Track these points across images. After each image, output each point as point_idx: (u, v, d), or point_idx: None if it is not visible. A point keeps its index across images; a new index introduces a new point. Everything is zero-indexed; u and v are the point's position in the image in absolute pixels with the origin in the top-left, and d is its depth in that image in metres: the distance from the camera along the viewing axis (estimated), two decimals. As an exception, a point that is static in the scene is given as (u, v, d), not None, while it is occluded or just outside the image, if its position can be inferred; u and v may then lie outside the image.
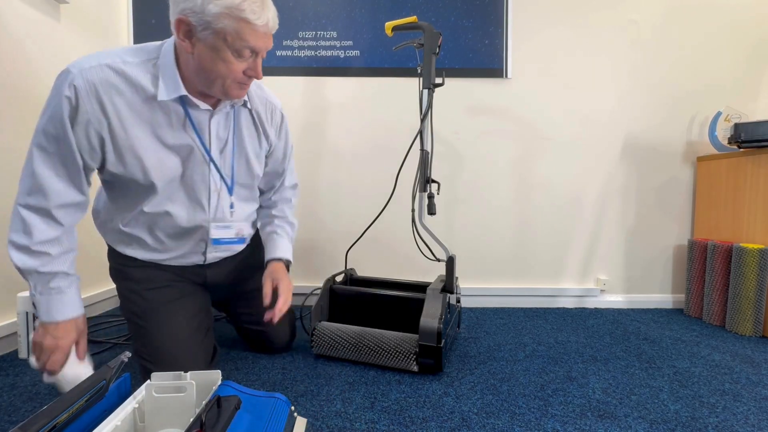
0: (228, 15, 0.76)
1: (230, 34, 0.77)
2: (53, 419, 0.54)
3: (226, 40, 0.78)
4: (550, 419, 0.87)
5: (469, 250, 1.80)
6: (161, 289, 0.99)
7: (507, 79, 1.76)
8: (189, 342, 0.97)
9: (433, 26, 1.31)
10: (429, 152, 1.25)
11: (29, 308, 1.16)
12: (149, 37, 1.74)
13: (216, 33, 0.77)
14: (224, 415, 0.60)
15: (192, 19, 0.76)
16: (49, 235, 0.82)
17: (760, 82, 1.77)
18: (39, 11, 1.33)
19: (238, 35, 0.78)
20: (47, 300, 0.83)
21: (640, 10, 1.74)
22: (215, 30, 0.77)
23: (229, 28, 0.77)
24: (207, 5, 0.75)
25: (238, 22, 0.77)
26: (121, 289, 1.00)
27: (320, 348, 1.18)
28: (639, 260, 1.81)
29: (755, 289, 1.42)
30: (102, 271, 1.63)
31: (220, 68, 0.81)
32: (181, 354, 0.94)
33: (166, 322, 0.96)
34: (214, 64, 0.80)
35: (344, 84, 1.75)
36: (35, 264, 0.81)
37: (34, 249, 0.81)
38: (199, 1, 0.75)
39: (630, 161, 1.78)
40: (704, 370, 1.13)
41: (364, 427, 0.83)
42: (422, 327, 1.07)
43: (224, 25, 0.76)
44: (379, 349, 1.11)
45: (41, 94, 1.34)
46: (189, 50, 0.80)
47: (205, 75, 0.82)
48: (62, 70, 0.80)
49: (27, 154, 0.82)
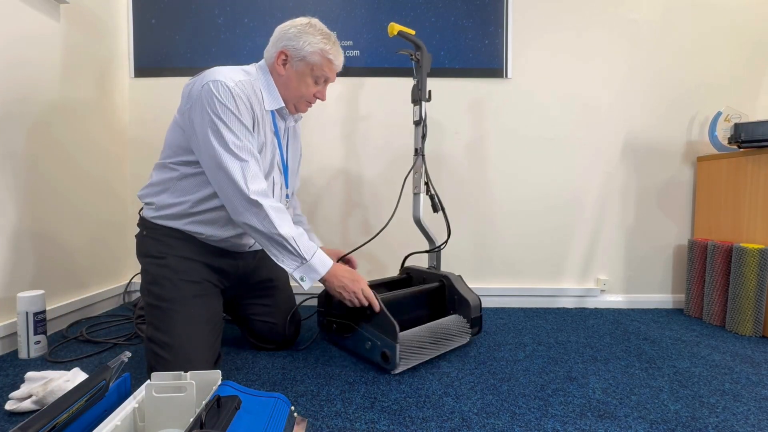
0: (319, 54, 1.09)
1: (317, 67, 1.10)
2: (53, 419, 0.54)
3: (313, 70, 1.10)
4: (550, 419, 0.87)
5: (469, 250, 1.80)
6: (194, 283, 1.05)
7: (507, 79, 1.76)
8: (205, 340, 1.01)
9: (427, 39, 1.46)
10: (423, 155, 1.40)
11: (29, 308, 1.16)
12: (149, 37, 1.74)
13: (307, 64, 1.09)
14: (224, 415, 0.60)
15: (291, 53, 1.09)
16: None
17: (760, 82, 1.77)
18: (39, 11, 1.33)
19: (322, 69, 1.11)
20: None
21: (640, 10, 1.74)
22: (308, 63, 1.09)
23: (317, 63, 1.09)
24: (305, 46, 1.08)
25: (324, 60, 1.10)
26: (154, 274, 1.04)
27: (407, 360, 1.08)
28: (639, 260, 1.81)
29: (755, 289, 1.42)
30: (102, 271, 1.64)
31: (300, 89, 1.11)
32: (195, 350, 0.98)
33: (191, 314, 1.01)
34: (299, 85, 1.11)
35: (344, 84, 1.75)
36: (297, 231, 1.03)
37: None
38: (299, 43, 1.07)
39: (630, 161, 1.78)
40: (704, 370, 1.13)
41: (364, 427, 0.83)
42: (473, 303, 1.29)
43: (314, 60, 1.09)
44: (446, 336, 1.19)
45: (41, 95, 1.34)
46: (281, 73, 1.10)
47: (288, 93, 1.12)
48: (213, 80, 0.99)
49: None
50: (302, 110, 1.17)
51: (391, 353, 1.06)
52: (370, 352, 1.13)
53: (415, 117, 1.39)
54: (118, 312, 1.62)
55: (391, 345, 1.06)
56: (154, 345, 0.98)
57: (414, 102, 1.39)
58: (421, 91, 1.36)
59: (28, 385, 0.91)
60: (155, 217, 1.07)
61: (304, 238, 1.04)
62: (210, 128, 0.97)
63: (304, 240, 1.03)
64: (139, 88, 1.77)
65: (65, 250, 1.44)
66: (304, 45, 1.07)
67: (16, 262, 1.24)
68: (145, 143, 1.77)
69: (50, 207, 1.37)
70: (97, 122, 1.59)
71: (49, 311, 1.30)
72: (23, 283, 1.27)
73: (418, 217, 1.40)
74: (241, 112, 0.99)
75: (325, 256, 1.07)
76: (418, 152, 1.39)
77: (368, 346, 1.13)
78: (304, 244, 1.03)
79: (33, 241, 1.30)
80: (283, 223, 1.00)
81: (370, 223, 1.79)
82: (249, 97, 1.02)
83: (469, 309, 1.28)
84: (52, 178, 1.38)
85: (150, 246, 1.07)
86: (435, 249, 1.42)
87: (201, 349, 0.99)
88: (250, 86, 1.04)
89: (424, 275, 1.41)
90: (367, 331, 1.13)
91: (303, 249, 1.02)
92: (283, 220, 1.01)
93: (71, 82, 1.47)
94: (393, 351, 1.05)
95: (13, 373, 1.06)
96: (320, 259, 1.05)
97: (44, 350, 1.20)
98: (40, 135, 1.33)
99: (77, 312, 1.49)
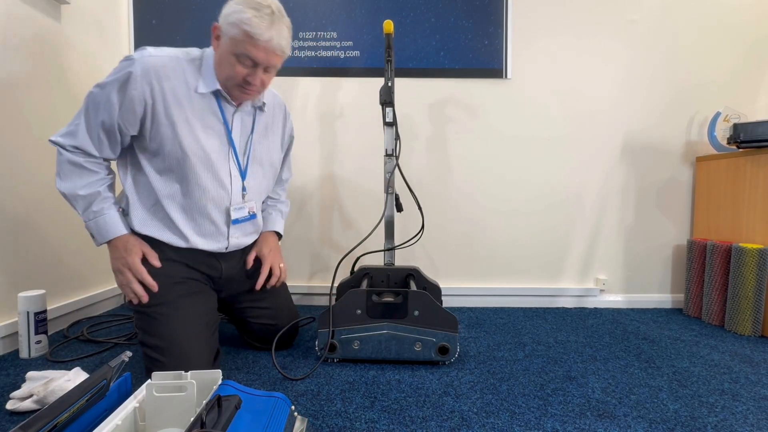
0: (237, 25, 0.91)
1: (235, 41, 0.93)
2: (54, 419, 0.54)
3: (236, 46, 0.93)
4: (550, 419, 0.87)
5: (469, 250, 1.80)
6: (177, 284, 1.03)
7: (507, 80, 1.76)
8: (199, 338, 1.00)
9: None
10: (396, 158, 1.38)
11: (30, 308, 1.16)
12: (150, 38, 1.74)
13: (230, 39, 0.94)
14: (225, 414, 0.60)
15: (221, 25, 0.95)
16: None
17: (759, 83, 1.77)
18: (40, 11, 1.33)
19: (243, 45, 0.93)
20: (95, 223, 0.99)
21: (639, 11, 1.74)
22: (229, 36, 0.93)
23: (236, 37, 0.93)
24: (229, 16, 0.93)
25: (242, 33, 0.92)
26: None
27: None
28: (638, 260, 1.81)
29: (754, 289, 1.43)
30: (102, 271, 1.64)
31: (226, 69, 0.97)
32: (190, 348, 0.97)
33: (179, 315, 1.00)
34: (222, 64, 0.98)
35: (344, 84, 1.75)
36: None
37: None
38: (225, 11, 0.94)
39: (629, 161, 1.78)
40: (703, 369, 1.14)
41: (364, 426, 0.83)
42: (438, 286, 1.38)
43: (234, 33, 0.92)
44: None
45: (41, 95, 1.34)
46: (215, 50, 0.99)
47: (219, 72, 1.00)
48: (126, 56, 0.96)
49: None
50: (235, 96, 1.02)
51: (451, 344, 1.12)
52: (421, 353, 1.12)
53: (388, 119, 1.35)
54: (118, 312, 1.63)
55: (452, 337, 1.12)
56: (148, 349, 0.98)
57: (386, 104, 1.34)
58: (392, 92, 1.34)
59: (28, 385, 0.91)
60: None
61: (89, 200, 0.98)
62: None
63: (85, 201, 0.98)
64: (139, 89, 1.77)
65: (66, 249, 1.44)
66: (228, 15, 0.93)
67: (16, 262, 1.25)
68: (145, 143, 1.77)
69: (51, 207, 1.37)
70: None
71: (50, 311, 1.30)
72: (24, 282, 1.27)
73: (391, 217, 1.39)
74: (118, 84, 0.94)
75: (107, 224, 0.98)
76: (387, 153, 1.36)
77: (418, 347, 1.12)
78: (82, 204, 0.98)
79: (34, 241, 1.31)
80: (66, 178, 0.97)
81: (367, 221, 1.79)
82: (151, 74, 0.94)
83: (438, 292, 1.38)
84: (52, 179, 1.37)
85: None
86: (397, 247, 1.41)
87: (196, 346, 0.98)
88: (174, 63, 0.97)
89: (387, 272, 1.38)
90: (413, 333, 1.12)
91: (81, 210, 0.98)
92: (70, 173, 0.97)
93: (72, 82, 1.47)
94: (454, 341, 1.12)
95: (14, 373, 1.06)
96: (97, 226, 0.98)
97: (45, 350, 1.20)
98: (39, 135, 1.33)
99: (78, 312, 1.49)
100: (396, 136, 1.36)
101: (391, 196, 1.37)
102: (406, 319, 1.12)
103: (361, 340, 1.13)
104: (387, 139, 1.37)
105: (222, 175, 1.05)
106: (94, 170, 0.99)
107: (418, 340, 1.12)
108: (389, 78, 1.35)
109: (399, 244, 1.43)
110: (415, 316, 1.12)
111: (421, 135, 1.77)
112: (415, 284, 1.32)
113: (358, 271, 1.38)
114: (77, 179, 0.98)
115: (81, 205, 0.98)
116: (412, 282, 1.31)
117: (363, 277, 1.36)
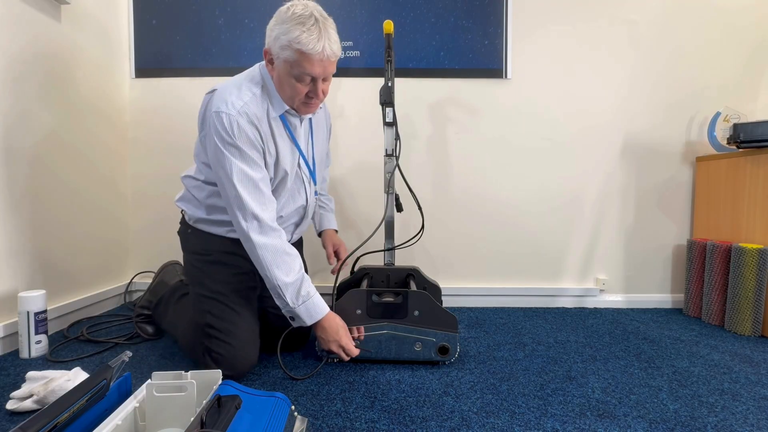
0: (288, 47, 0.93)
1: (290, 63, 0.95)
2: (54, 418, 0.54)
3: (291, 67, 0.95)
4: (550, 419, 0.87)
5: (469, 249, 1.80)
6: (243, 274, 1.11)
7: (507, 80, 1.76)
8: (255, 329, 1.09)
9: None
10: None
11: (30, 308, 1.16)
12: (150, 38, 1.74)
13: (284, 61, 0.96)
14: (225, 414, 0.60)
15: (272, 50, 0.97)
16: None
17: (759, 83, 1.77)
18: (40, 11, 1.33)
19: (299, 65, 0.94)
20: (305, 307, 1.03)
21: (639, 11, 1.74)
22: (283, 59, 0.95)
23: (290, 59, 0.94)
24: (278, 39, 0.94)
25: (296, 53, 0.93)
26: (203, 269, 1.11)
27: None
28: (638, 260, 1.81)
29: (754, 289, 1.43)
30: (103, 271, 1.64)
31: (287, 90, 1.00)
32: (253, 337, 1.06)
33: (248, 305, 1.09)
34: (283, 86, 1.00)
35: (344, 84, 1.75)
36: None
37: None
38: (273, 35, 0.95)
39: (629, 161, 1.78)
40: (703, 369, 1.14)
41: (364, 426, 0.83)
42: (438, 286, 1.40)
43: (287, 56, 0.94)
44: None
45: (41, 95, 1.34)
46: (272, 74, 1.02)
47: (281, 93, 1.02)
48: (217, 111, 0.97)
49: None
50: (302, 113, 1.08)
51: (452, 344, 1.12)
52: (421, 353, 1.13)
53: (388, 119, 1.35)
54: (119, 312, 1.63)
55: (452, 337, 1.12)
56: (215, 331, 1.02)
57: (386, 104, 1.34)
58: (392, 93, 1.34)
59: (29, 385, 0.91)
60: (194, 223, 1.14)
61: (297, 286, 1.01)
62: (219, 161, 0.99)
63: (294, 288, 1.01)
64: (139, 89, 1.77)
65: (66, 250, 1.44)
66: (277, 39, 0.94)
67: (17, 261, 1.25)
68: (145, 143, 1.78)
69: (51, 207, 1.37)
70: (97, 123, 1.60)
71: (50, 311, 1.30)
72: (24, 282, 1.27)
73: (391, 217, 1.39)
74: (245, 143, 0.98)
75: (315, 305, 1.03)
76: (387, 153, 1.36)
77: (418, 347, 1.13)
78: (291, 293, 1.01)
79: (34, 241, 1.31)
80: (277, 267, 1.00)
81: (367, 221, 1.79)
82: (254, 121, 0.99)
83: (438, 292, 1.39)
84: (53, 179, 1.38)
85: (194, 243, 1.14)
86: (395, 247, 1.40)
87: (254, 336, 1.07)
88: (255, 105, 1.00)
89: (387, 272, 1.38)
90: (413, 333, 1.12)
91: (290, 298, 1.01)
92: (278, 263, 1.00)
93: (72, 82, 1.47)
94: (454, 341, 1.12)
95: (14, 373, 1.06)
96: (307, 310, 1.02)
97: (45, 350, 1.20)
98: (39, 135, 1.33)
99: (78, 312, 1.49)
100: (396, 136, 1.36)
101: (391, 196, 1.37)
102: (406, 319, 1.12)
103: (361, 340, 1.14)
104: (387, 139, 1.37)
105: (298, 186, 1.14)
106: (291, 253, 1.04)
107: (418, 340, 1.12)
108: (389, 78, 1.35)
109: (399, 244, 1.43)
110: (415, 316, 1.12)
111: (421, 135, 1.77)
112: (415, 284, 1.32)
113: (358, 271, 1.39)
114: (288, 266, 1.02)
115: (290, 293, 1.01)
116: (412, 282, 1.31)
117: (363, 277, 1.36)
